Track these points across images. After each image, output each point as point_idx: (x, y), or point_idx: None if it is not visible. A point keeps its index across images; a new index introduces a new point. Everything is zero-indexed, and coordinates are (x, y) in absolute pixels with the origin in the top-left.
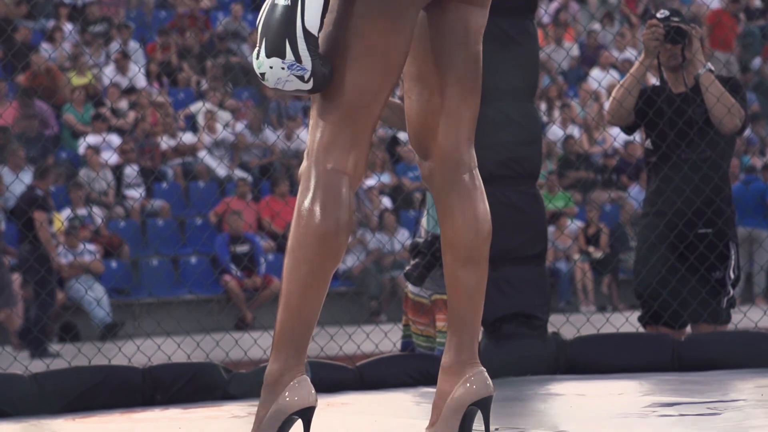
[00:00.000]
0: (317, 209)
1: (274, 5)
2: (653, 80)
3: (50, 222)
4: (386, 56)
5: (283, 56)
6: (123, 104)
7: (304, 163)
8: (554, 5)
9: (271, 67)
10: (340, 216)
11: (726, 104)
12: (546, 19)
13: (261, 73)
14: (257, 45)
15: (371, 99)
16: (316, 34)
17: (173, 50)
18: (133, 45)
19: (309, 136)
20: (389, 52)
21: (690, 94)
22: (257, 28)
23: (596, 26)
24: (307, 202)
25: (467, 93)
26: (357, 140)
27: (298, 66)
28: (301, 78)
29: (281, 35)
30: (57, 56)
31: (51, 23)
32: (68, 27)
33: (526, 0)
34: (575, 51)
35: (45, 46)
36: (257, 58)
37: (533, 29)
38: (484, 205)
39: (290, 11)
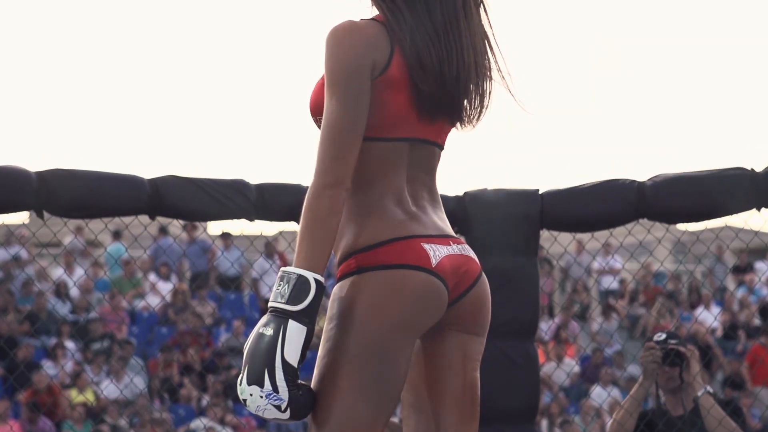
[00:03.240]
0: None
1: (260, 334)
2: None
3: None
4: (382, 386)
5: (261, 385)
6: (123, 422)
7: None
8: (555, 323)
9: (251, 395)
10: None
11: (727, 428)
12: (547, 337)
13: (243, 399)
14: (241, 371)
15: (367, 429)
16: (295, 365)
17: (175, 367)
18: (135, 362)
19: None
20: (385, 383)
21: (689, 416)
22: (243, 355)
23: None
24: None
25: (465, 420)
26: None
27: (275, 396)
28: (278, 407)
29: (262, 364)
30: (58, 373)
31: (53, 340)
32: (70, 345)
33: (526, 323)
34: (576, 368)
35: (46, 364)
36: (240, 384)
37: (533, 351)
38: None
39: (272, 341)
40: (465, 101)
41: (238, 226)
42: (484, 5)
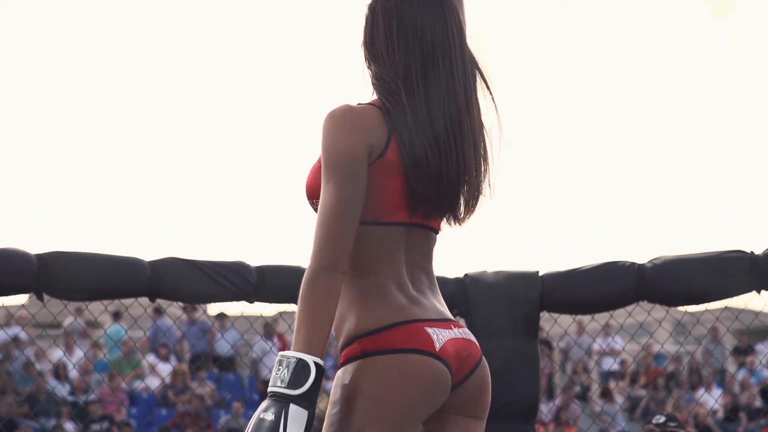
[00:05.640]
0: None
1: (260, 419)
2: None
3: None
4: None
5: None
6: None
7: None
8: (555, 405)
9: None
10: None
11: None
12: (547, 418)
13: None
14: None
15: None
16: None
17: None
18: None
19: None
20: None
21: None
22: None
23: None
24: None
25: None
26: None
27: None
28: None
29: None
30: None
31: (52, 422)
32: (69, 427)
33: (527, 406)
34: None
35: None
36: None
37: None
38: None
39: (274, 426)
40: (461, 201)
41: (238, 307)
42: (482, 76)
